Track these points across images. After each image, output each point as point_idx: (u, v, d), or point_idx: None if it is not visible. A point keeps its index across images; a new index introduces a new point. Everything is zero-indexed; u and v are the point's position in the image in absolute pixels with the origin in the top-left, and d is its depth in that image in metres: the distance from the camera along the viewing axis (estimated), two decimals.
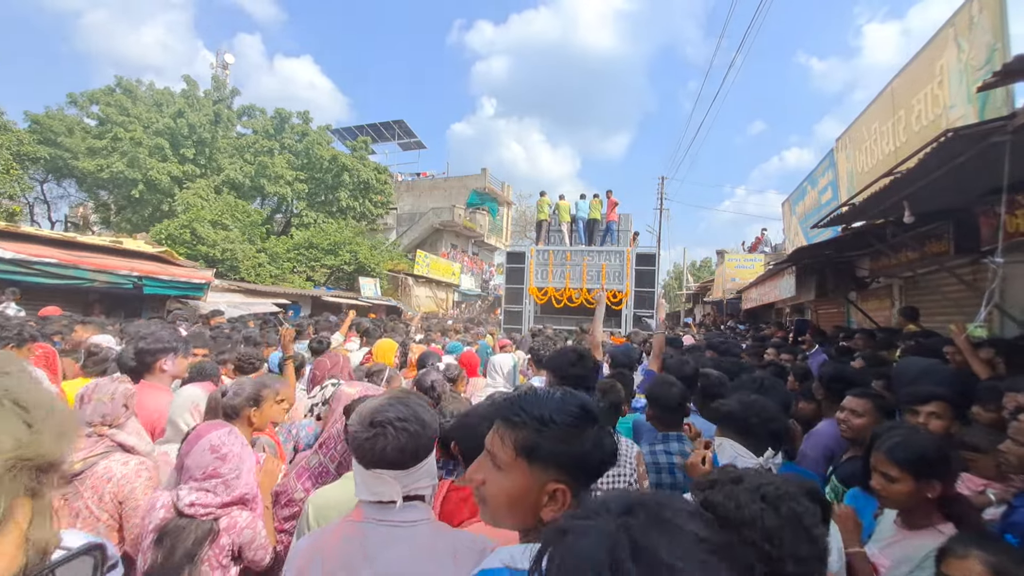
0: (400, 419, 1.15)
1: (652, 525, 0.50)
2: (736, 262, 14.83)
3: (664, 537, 0.48)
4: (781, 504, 0.85)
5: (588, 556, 0.48)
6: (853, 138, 5.64)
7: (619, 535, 0.49)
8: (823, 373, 2.78)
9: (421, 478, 1.18)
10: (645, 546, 0.47)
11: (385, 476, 1.13)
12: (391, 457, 1.13)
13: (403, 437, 1.14)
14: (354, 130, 32.34)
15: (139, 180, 17.54)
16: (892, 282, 6.69)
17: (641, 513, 0.51)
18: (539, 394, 0.98)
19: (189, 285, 8.75)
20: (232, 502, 1.58)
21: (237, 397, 2.08)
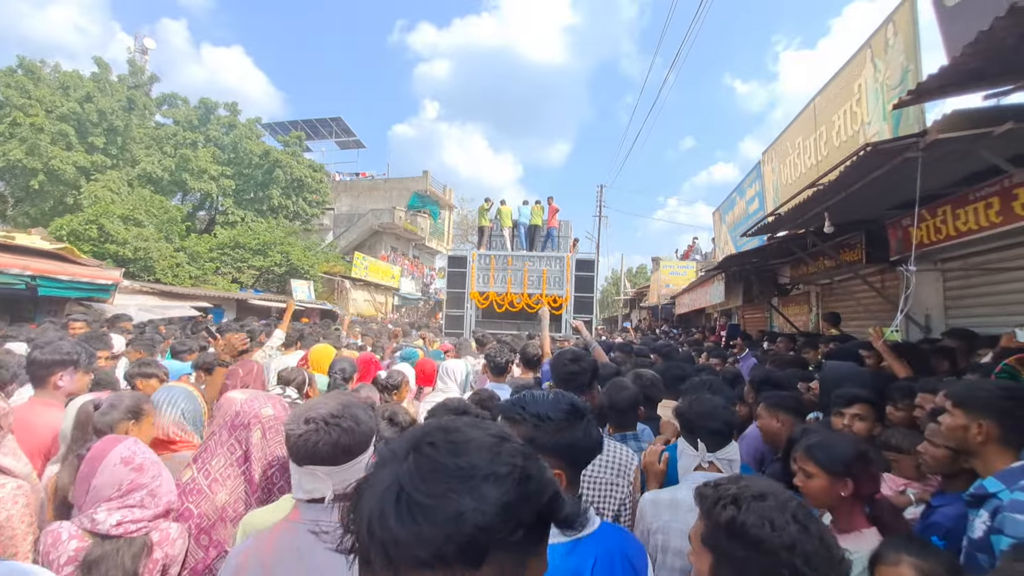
0: (333, 415, 1.17)
1: (425, 464, 0.51)
2: (670, 269, 15.43)
3: (430, 474, 0.50)
4: (811, 525, 0.85)
5: (367, 507, 0.49)
6: (778, 151, 5.98)
7: (391, 482, 0.50)
8: (753, 377, 2.86)
9: (354, 476, 1.15)
10: (409, 491, 0.49)
11: (318, 472, 1.15)
12: (323, 453, 1.14)
13: (335, 433, 1.15)
14: (288, 125, 30.87)
15: (39, 170, 15.72)
16: (810, 289, 7.16)
17: (422, 452, 0.52)
18: (536, 395, 1.18)
19: (93, 286, 7.88)
20: (161, 513, 1.46)
21: (113, 411, 1.85)
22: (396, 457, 0.53)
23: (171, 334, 7.18)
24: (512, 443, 0.56)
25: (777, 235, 4.90)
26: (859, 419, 2.40)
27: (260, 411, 1.59)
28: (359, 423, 1.19)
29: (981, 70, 2.15)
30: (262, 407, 1.60)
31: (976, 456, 1.63)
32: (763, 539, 0.84)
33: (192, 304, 10.96)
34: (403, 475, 0.50)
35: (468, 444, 0.53)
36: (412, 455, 0.52)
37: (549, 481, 0.56)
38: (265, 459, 1.57)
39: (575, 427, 1.12)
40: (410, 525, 0.47)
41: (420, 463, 0.51)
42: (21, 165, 15.31)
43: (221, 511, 1.56)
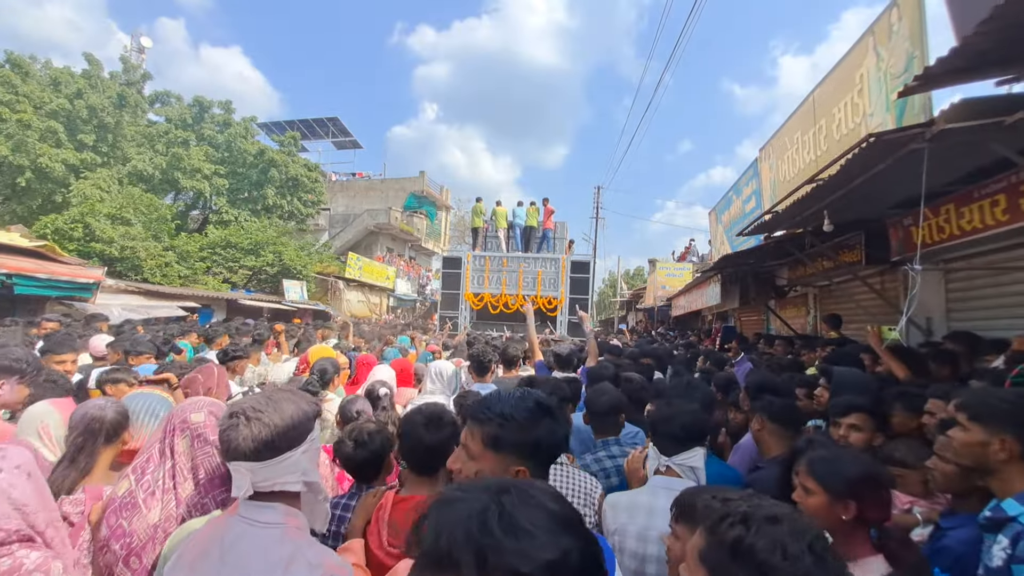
0: (255, 408, 1.13)
1: (519, 501, 0.57)
2: (667, 271, 15.28)
3: (526, 509, 0.56)
4: (828, 558, 0.80)
5: (463, 517, 0.55)
6: (776, 147, 5.82)
7: (491, 504, 0.56)
8: (749, 383, 2.69)
9: (282, 473, 1.13)
10: (511, 514, 0.55)
11: (240, 468, 1.11)
12: (244, 447, 1.10)
13: (256, 427, 1.11)
14: (284, 125, 30.68)
15: (26, 167, 15.47)
16: (808, 291, 7.00)
17: (513, 492, 0.59)
18: (501, 395, 1.19)
19: (73, 285, 7.68)
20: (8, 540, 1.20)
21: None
22: (482, 488, 0.59)
23: (151, 334, 6.98)
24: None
25: (774, 234, 4.75)
26: (855, 429, 2.23)
27: (188, 416, 1.41)
28: (284, 418, 1.14)
29: (993, 53, 1.99)
30: (191, 412, 1.42)
31: (994, 474, 1.46)
32: (773, 567, 0.76)
33: (179, 304, 10.75)
34: (503, 501, 0.56)
35: (536, 500, 0.59)
36: (503, 493, 0.58)
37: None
38: (194, 470, 1.39)
39: (539, 425, 1.12)
40: (514, 541, 0.52)
41: (516, 499, 0.57)
42: (7, 162, 15.06)
43: (153, 530, 1.39)
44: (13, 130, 15.05)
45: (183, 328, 7.59)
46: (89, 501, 1.54)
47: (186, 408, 1.43)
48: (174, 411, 1.43)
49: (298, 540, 1.12)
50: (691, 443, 1.74)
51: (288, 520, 1.13)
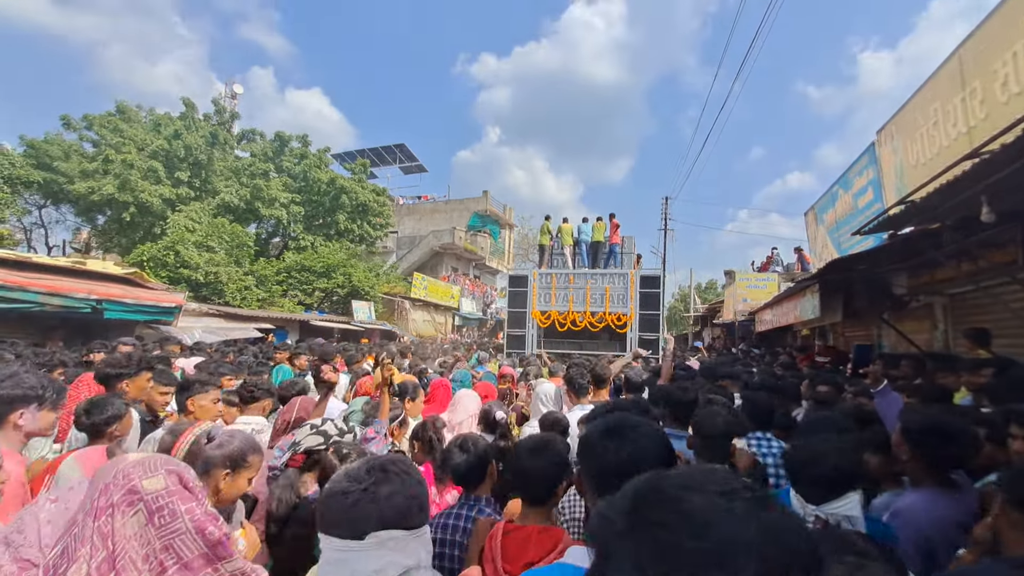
0: (400, 463, 0.99)
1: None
2: (748, 282, 14.06)
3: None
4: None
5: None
6: (902, 126, 4.90)
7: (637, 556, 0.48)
8: (910, 424, 2.01)
9: (424, 545, 0.97)
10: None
11: (395, 534, 0.89)
12: (401, 506, 0.91)
13: (409, 483, 0.95)
14: (355, 153, 32.22)
15: (130, 203, 17.11)
16: (934, 301, 5.89)
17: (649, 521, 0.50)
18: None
19: (157, 309, 8.07)
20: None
21: (219, 449, 1.62)
22: (617, 532, 0.51)
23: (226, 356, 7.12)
24: (743, 496, 0.51)
25: (901, 231, 3.91)
26: None
27: (137, 483, 1.00)
28: (422, 481, 1.01)
29: None
30: (141, 476, 1.01)
31: None
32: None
33: (255, 326, 11.17)
34: (641, 559, 0.47)
35: (696, 515, 0.49)
36: (637, 533, 0.50)
37: (797, 529, 0.50)
38: (154, 558, 0.98)
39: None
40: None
41: (652, 545, 0.48)
42: (114, 199, 16.68)
43: None
44: (119, 170, 16.71)
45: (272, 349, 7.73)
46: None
47: (129, 471, 1.02)
48: (105, 475, 1.02)
49: None
50: (843, 488, 1.51)
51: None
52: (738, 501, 0.50)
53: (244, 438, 1.73)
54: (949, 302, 5.59)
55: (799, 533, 0.50)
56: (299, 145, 22.78)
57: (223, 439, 1.66)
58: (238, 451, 1.64)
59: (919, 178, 3.41)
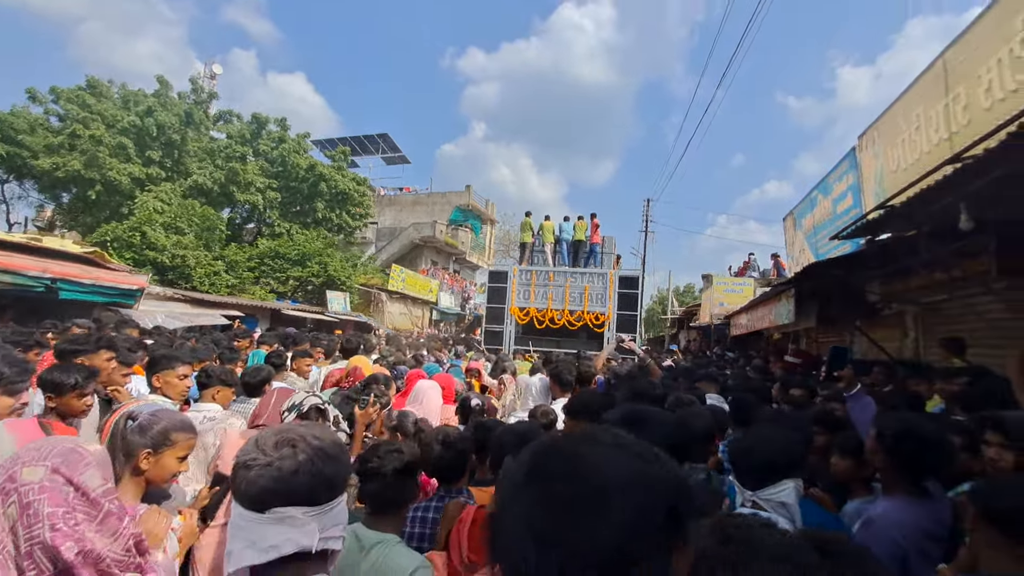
0: (315, 437, 0.91)
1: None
2: (724, 286, 14.21)
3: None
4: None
5: None
6: (884, 131, 4.91)
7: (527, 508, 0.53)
8: (886, 430, 1.94)
9: (335, 521, 0.89)
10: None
11: (295, 513, 0.84)
12: (305, 484, 0.85)
13: (320, 458, 0.88)
14: (336, 141, 31.56)
15: (97, 181, 16.37)
16: (906, 309, 5.97)
17: (541, 475, 0.56)
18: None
19: (117, 291, 7.70)
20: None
21: (138, 429, 1.50)
22: (518, 487, 0.54)
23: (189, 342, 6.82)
24: (626, 451, 0.56)
25: (879, 237, 3.90)
26: None
27: (17, 471, 0.87)
28: (342, 451, 0.97)
29: None
30: (22, 464, 0.87)
31: None
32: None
33: (223, 312, 10.78)
34: (530, 511, 0.51)
35: (583, 462, 0.53)
36: (532, 487, 0.53)
37: (671, 479, 0.55)
38: (18, 560, 0.83)
39: None
40: (549, 556, 0.48)
41: (542, 492, 0.52)
42: (80, 176, 15.94)
43: None
44: (86, 146, 15.95)
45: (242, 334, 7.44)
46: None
47: (21, 455, 0.89)
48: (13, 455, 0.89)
49: None
50: (778, 476, 1.58)
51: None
52: (625, 454, 0.54)
53: (170, 416, 1.63)
54: (921, 311, 5.67)
55: (675, 484, 0.54)
56: (277, 129, 22.13)
57: (145, 419, 1.56)
58: (160, 430, 1.54)
59: (899, 183, 3.40)
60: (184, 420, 1.69)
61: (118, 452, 1.46)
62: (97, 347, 3.19)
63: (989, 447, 1.90)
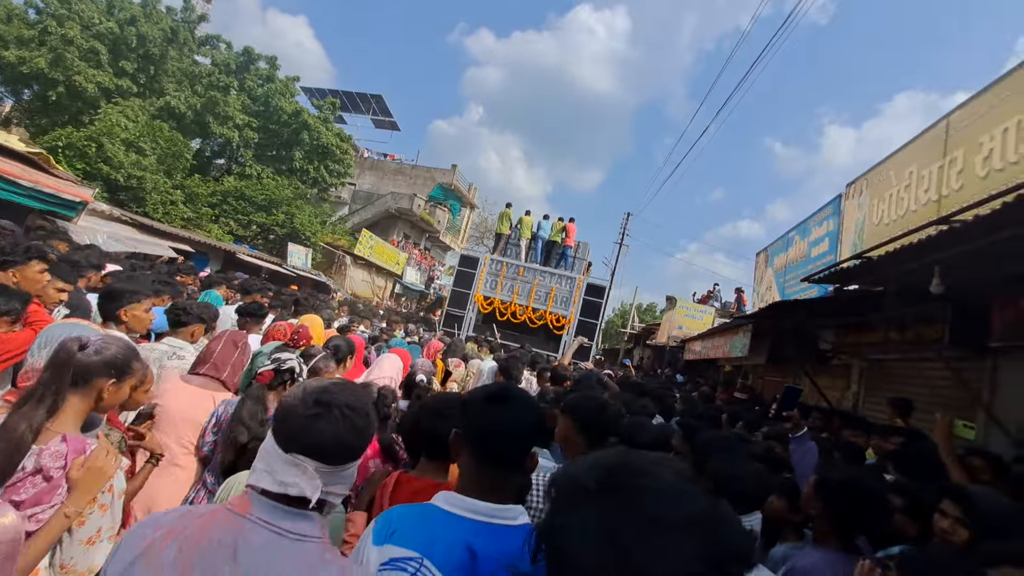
0: (350, 406, 0.99)
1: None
2: (686, 311, 14.44)
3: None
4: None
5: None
6: (874, 183, 4.96)
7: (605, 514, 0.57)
8: (828, 481, 1.88)
9: (341, 482, 1.00)
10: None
11: (307, 465, 0.93)
12: (327, 444, 0.95)
13: (346, 426, 0.97)
14: (327, 92, 30.40)
15: (60, 82, 15.14)
16: (853, 362, 6.13)
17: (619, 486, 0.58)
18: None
19: (56, 199, 7.08)
20: None
21: (97, 356, 1.44)
22: (591, 494, 0.57)
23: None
24: (699, 492, 0.58)
25: (847, 287, 3.94)
26: None
27: None
28: (369, 425, 1.02)
29: None
30: None
31: None
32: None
33: (172, 245, 10.15)
34: (609, 517, 0.54)
35: (664, 488, 0.56)
36: (610, 496, 0.56)
37: (738, 531, 0.57)
38: None
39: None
40: (630, 567, 0.50)
41: (620, 508, 0.54)
42: (44, 75, 14.71)
43: None
44: (55, 43, 14.73)
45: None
46: (71, 455, 1.32)
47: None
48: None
49: (338, 561, 0.95)
50: (755, 506, 1.70)
51: (322, 533, 0.97)
52: (694, 485, 0.58)
53: (123, 343, 1.58)
54: (867, 366, 5.82)
55: (739, 526, 0.57)
56: (266, 66, 21.07)
57: (99, 344, 1.47)
58: (122, 356, 1.50)
59: (879, 237, 3.42)
60: (134, 346, 1.63)
61: (65, 378, 1.37)
62: (26, 257, 2.82)
63: (944, 518, 1.86)
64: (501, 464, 1.11)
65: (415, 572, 0.96)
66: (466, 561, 0.98)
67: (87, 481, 1.31)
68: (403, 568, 0.96)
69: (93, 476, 1.32)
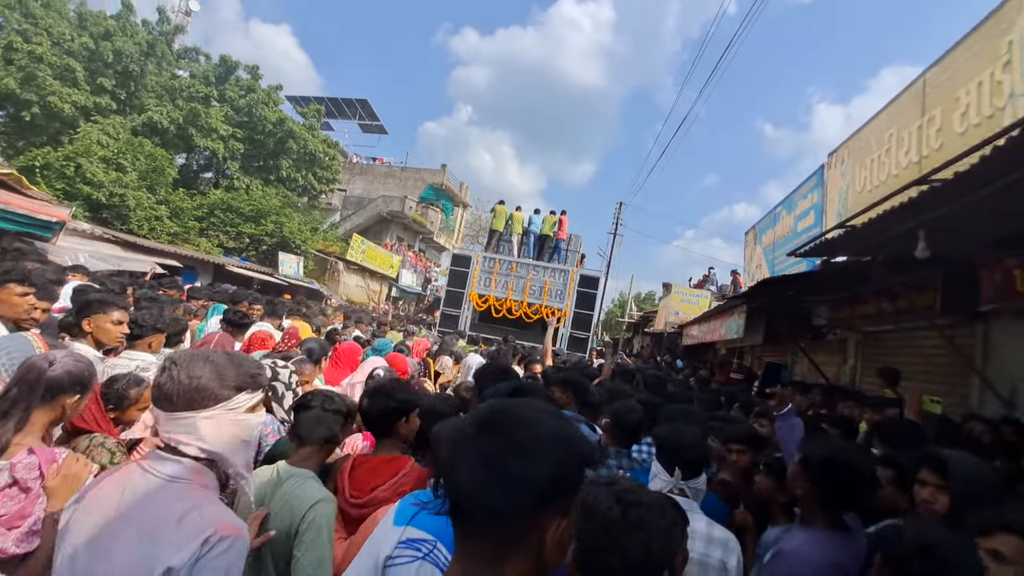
0: (184, 362, 1.11)
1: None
2: (682, 296, 14.36)
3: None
4: (630, 510, 0.98)
5: None
6: (855, 149, 4.85)
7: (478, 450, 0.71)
8: (811, 456, 1.80)
9: (178, 431, 1.09)
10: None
11: (155, 410, 1.11)
12: (157, 394, 1.11)
13: (170, 376, 1.09)
14: (312, 100, 30.18)
15: (34, 103, 14.92)
16: (848, 336, 6.05)
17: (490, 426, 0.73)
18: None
19: (31, 221, 6.95)
20: None
21: (65, 373, 1.53)
22: (468, 437, 0.71)
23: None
24: (553, 416, 0.75)
25: (835, 259, 3.84)
26: (998, 558, 1.37)
27: None
28: (193, 378, 1.10)
29: None
30: None
31: None
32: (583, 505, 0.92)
33: (159, 261, 10.03)
34: (481, 451, 0.68)
35: (523, 420, 0.71)
36: (483, 436, 0.70)
37: (585, 441, 0.74)
38: None
39: None
40: (499, 486, 0.64)
41: (494, 437, 0.69)
42: (15, 95, 14.48)
43: None
44: (25, 62, 14.47)
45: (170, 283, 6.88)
46: (44, 465, 1.42)
47: None
48: None
49: (197, 497, 1.07)
50: (702, 469, 1.85)
51: (194, 477, 1.09)
52: (551, 415, 0.74)
53: (86, 360, 1.64)
54: (863, 339, 5.74)
55: (586, 440, 0.74)
56: (247, 76, 20.87)
57: (67, 362, 1.54)
58: (87, 374, 1.58)
59: (862, 204, 3.31)
60: (92, 365, 1.68)
61: (35, 395, 1.46)
62: (4, 279, 2.74)
63: (923, 487, 1.78)
64: None
65: (427, 554, 1.07)
66: None
67: (64, 487, 1.40)
68: (418, 548, 1.08)
69: (69, 482, 1.41)
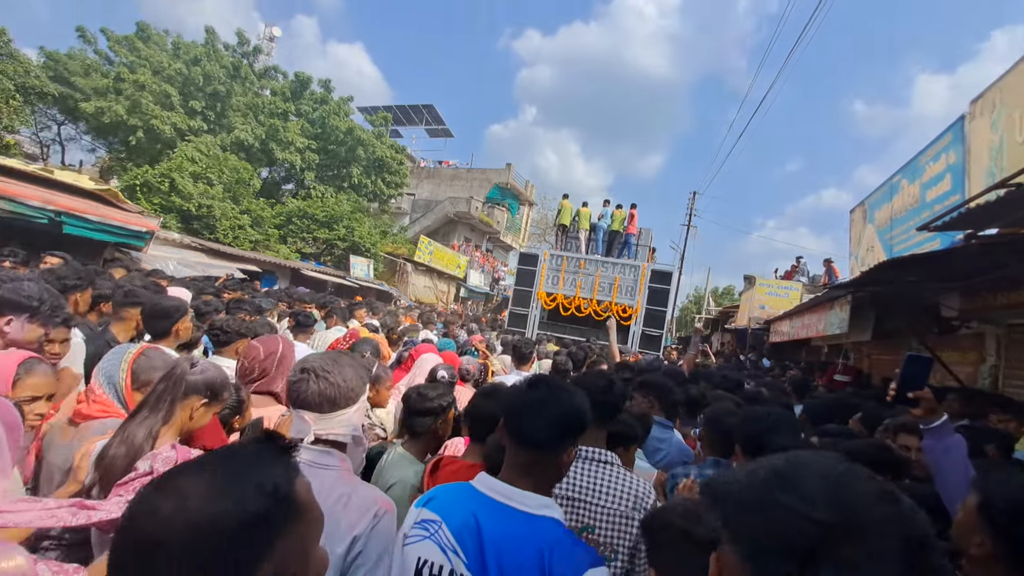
0: (324, 369, 1.28)
1: None
2: (768, 288, 13.10)
3: None
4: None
5: None
6: (1008, 94, 3.88)
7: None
8: (999, 501, 1.23)
9: (336, 426, 1.29)
10: None
11: (304, 415, 1.28)
12: (311, 400, 1.27)
13: (321, 384, 1.27)
14: (380, 108, 31.27)
15: (139, 127, 16.50)
16: (986, 329, 5.01)
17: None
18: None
19: (124, 231, 7.48)
20: None
21: (201, 376, 1.59)
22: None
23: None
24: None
25: (983, 231, 3.04)
26: None
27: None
28: (346, 380, 1.30)
29: None
30: None
31: None
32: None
33: (240, 267, 10.58)
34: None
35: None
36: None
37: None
38: None
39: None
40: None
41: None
42: (124, 122, 16.06)
43: None
44: (131, 91, 16.03)
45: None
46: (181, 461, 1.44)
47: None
48: None
49: (352, 482, 1.27)
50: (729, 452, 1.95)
51: (342, 464, 1.28)
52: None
53: (223, 372, 1.70)
54: (1007, 333, 4.71)
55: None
56: (321, 89, 21.92)
57: (204, 366, 1.61)
58: (220, 381, 1.62)
59: (1022, 161, 2.55)
60: (228, 379, 1.73)
61: (179, 391, 1.51)
62: (88, 283, 3.26)
63: None
64: (527, 444, 1.22)
65: (434, 533, 1.16)
66: (472, 530, 1.13)
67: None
68: (426, 528, 1.18)
69: None
